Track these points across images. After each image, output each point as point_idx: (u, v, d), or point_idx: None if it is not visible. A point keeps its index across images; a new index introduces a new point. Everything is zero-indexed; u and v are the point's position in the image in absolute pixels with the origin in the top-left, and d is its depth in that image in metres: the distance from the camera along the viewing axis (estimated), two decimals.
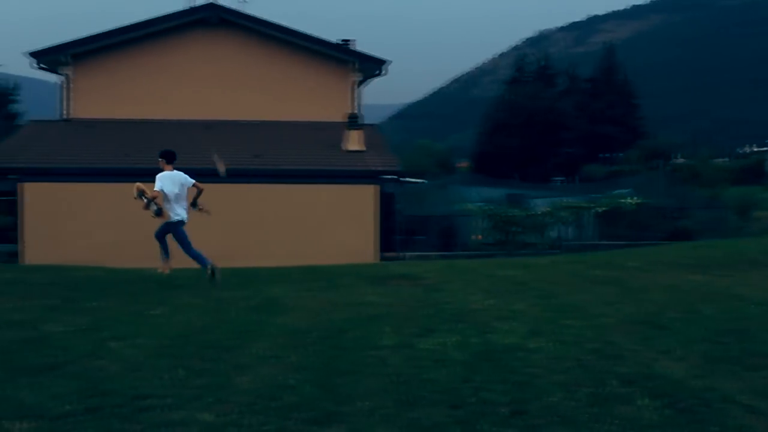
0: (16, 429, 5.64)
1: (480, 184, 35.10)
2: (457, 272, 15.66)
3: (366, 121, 26.24)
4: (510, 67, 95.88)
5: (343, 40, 28.65)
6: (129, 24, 26.83)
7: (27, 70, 47.61)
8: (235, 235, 21.57)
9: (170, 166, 13.79)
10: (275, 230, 21.77)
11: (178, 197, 13.65)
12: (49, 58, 26.30)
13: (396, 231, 26.03)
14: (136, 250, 20.65)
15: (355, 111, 25.57)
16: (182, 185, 13.80)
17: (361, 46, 28.48)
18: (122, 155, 22.48)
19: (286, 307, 11.18)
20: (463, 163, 74.19)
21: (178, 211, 13.69)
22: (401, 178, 22.98)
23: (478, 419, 5.98)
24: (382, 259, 21.97)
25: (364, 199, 22.05)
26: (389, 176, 22.39)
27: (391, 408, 6.27)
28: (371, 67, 27.15)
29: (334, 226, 21.83)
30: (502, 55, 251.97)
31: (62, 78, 26.48)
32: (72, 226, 21.59)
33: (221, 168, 14.55)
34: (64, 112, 26.22)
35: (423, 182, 33.02)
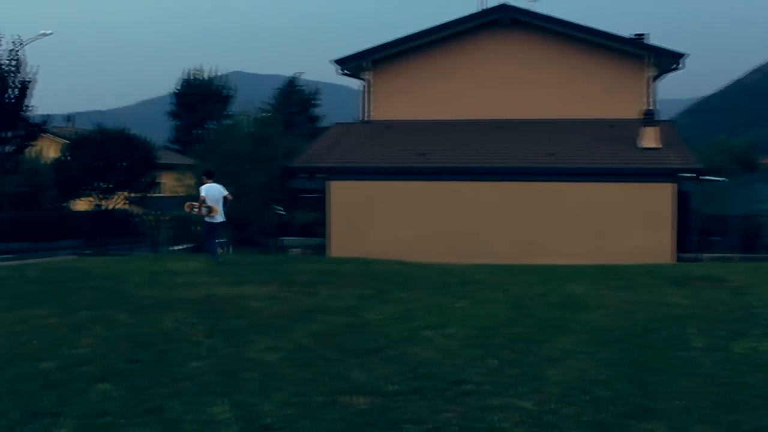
0: (354, 403, 6.23)
1: None
2: (766, 275, 14.84)
3: (659, 117, 25.39)
4: None
5: (636, 35, 27.90)
6: (423, 29, 27.84)
7: (325, 75, 51.06)
8: (528, 233, 21.77)
9: (210, 180, 18.26)
10: (569, 228, 21.67)
11: (216, 202, 17.79)
12: (351, 64, 28.00)
13: (692, 231, 24.98)
14: (431, 246, 21.56)
15: (650, 107, 24.83)
16: (219, 193, 17.99)
17: (652, 40, 27.66)
18: (417, 155, 23.44)
19: (586, 305, 11.24)
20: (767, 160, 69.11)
21: (216, 214, 17.77)
22: (700, 177, 21.97)
23: None
24: (678, 259, 21.19)
25: (661, 197, 21.36)
26: (687, 174, 21.53)
27: (708, 409, 6.20)
28: (667, 61, 26.21)
29: (629, 225, 21.34)
30: None
31: (363, 82, 28.08)
32: (372, 221, 22.85)
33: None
34: (365, 114, 27.80)
35: (721, 180, 31.33)
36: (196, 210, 18.08)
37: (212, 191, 18.02)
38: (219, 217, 17.87)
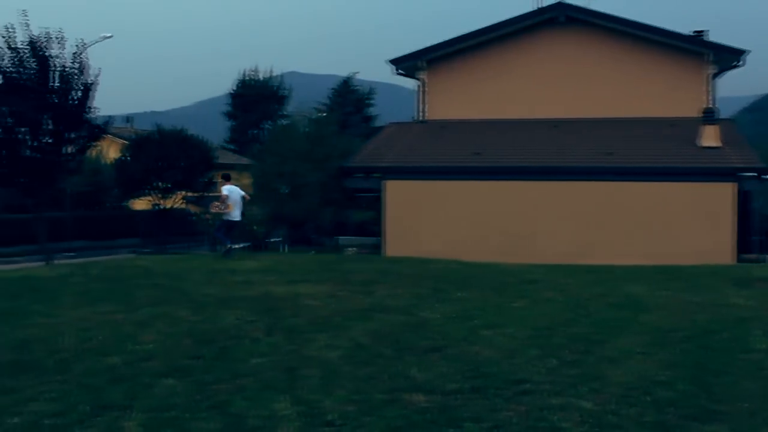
0: (415, 401, 6.28)
1: None
2: None
3: (719, 116, 24.93)
4: None
5: (695, 32, 27.47)
6: (479, 29, 27.74)
7: (379, 75, 51.22)
8: (586, 233, 21.58)
9: (228, 183, 20.94)
10: (627, 228, 21.42)
11: (235, 202, 20.32)
12: (407, 64, 28.04)
13: (753, 231, 24.51)
14: (487, 245, 21.50)
15: (711, 105, 24.42)
16: (238, 194, 20.60)
17: (711, 36, 27.18)
18: (473, 154, 23.39)
19: (646, 306, 11.14)
20: None
21: (234, 212, 20.31)
22: (761, 176, 21.52)
23: None
24: (739, 260, 20.82)
25: (720, 197, 21.00)
26: (748, 173, 21.14)
27: None
28: (728, 58, 25.71)
29: (687, 226, 21.02)
30: None
31: (418, 82, 28.10)
32: (428, 220, 22.87)
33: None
34: (420, 113, 27.82)
35: None
36: (216, 208, 20.79)
37: (233, 192, 20.74)
38: (236, 215, 20.56)
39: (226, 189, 20.61)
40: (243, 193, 21.04)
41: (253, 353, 7.97)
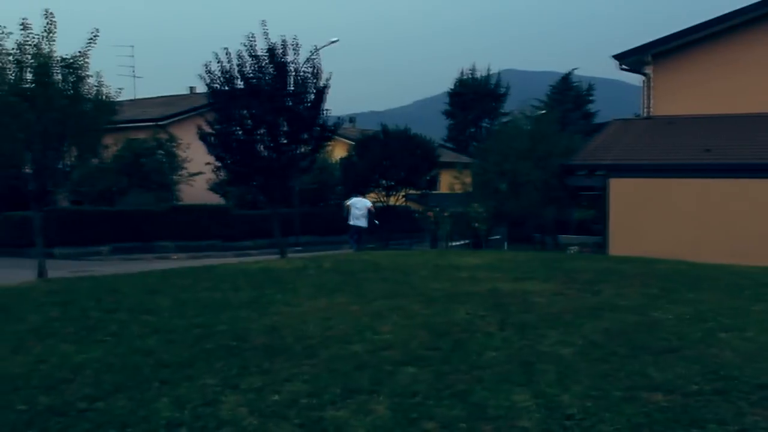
0: (654, 400, 6.28)
1: None
2: None
3: None
4: None
5: None
6: (706, 20, 26.64)
7: (597, 71, 50.46)
8: None
9: (360, 195, 26.74)
10: None
11: (357, 211, 25.22)
12: (631, 59, 27.38)
13: None
14: (716, 246, 20.68)
15: None
16: (363, 206, 25.61)
17: None
18: (702, 151, 22.52)
19: None
20: None
21: (358, 220, 25.32)
22: None
23: None
24: None
25: None
26: None
27: None
28: None
29: None
30: None
31: (643, 77, 27.36)
32: (653, 219, 22.27)
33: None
34: (646, 109, 27.08)
35: None
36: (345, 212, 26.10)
37: (357, 203, 25.32)
38: (361, 223, 25.19)
39: (350, 201, 25.77)
40: (369, 205, 26.12)
41: (487, 347, 8.20)
